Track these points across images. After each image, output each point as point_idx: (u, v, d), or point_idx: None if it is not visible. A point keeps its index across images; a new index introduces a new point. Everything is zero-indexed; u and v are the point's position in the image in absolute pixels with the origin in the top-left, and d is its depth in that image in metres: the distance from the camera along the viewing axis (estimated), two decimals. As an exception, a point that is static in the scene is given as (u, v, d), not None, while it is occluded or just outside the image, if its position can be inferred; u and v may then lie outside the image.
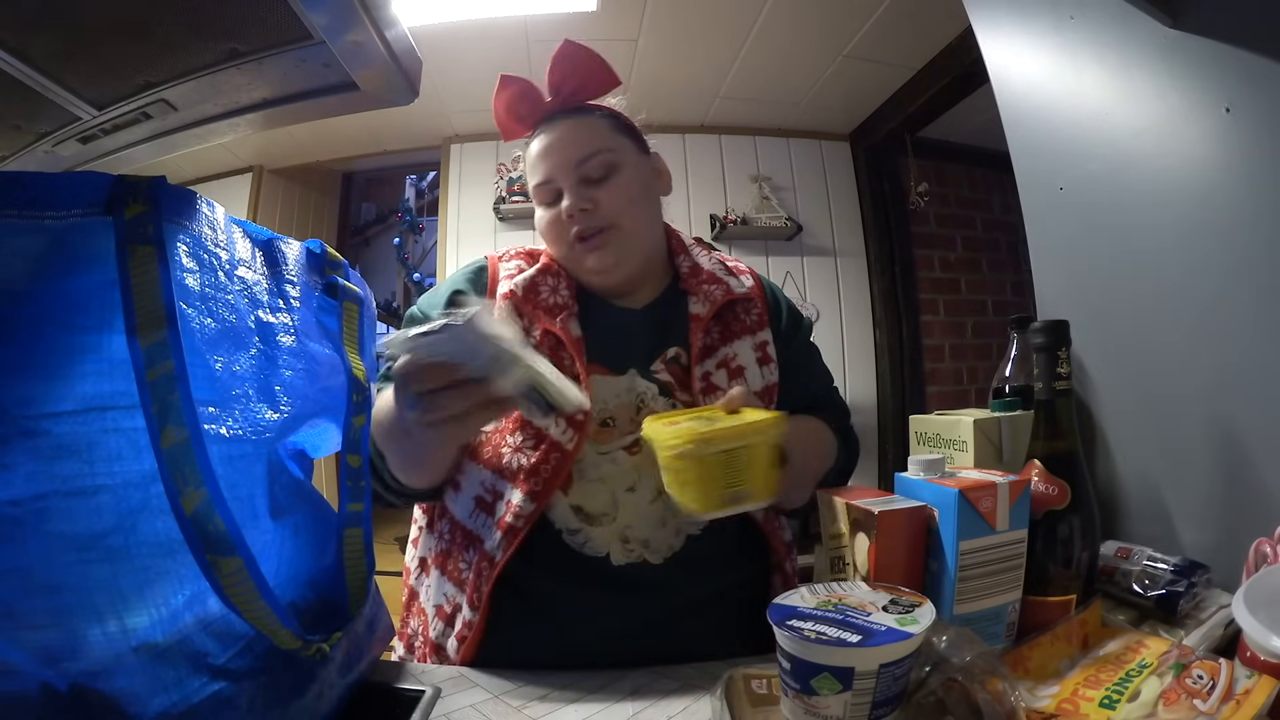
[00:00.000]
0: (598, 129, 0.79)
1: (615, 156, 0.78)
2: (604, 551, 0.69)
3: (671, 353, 0.78)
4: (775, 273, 2.95)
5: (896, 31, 2.27)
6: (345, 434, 0.55)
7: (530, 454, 0.70)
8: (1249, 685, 0.43)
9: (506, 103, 0.81)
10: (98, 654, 0.37)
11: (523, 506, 0.68)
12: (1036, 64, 0.87)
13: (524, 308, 0.76)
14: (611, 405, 0.74)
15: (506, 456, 0.71)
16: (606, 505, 0.71)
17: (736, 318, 0.81)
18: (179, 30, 0.58)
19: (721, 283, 0.82)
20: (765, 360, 0.80)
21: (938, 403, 2.94)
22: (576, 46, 0.79)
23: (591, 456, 0.72)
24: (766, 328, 0.83)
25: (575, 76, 0.80)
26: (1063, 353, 0.62)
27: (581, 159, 0.76)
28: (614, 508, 0.71)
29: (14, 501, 0.35)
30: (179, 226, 0.42)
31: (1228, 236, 0.64)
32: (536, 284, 0.77)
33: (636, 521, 0.70)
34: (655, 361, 0.77)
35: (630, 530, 0.70)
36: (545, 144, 0.79)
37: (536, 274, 0.78)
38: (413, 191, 4.32)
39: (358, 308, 0.60)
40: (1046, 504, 0.58)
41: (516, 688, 0.61)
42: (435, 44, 2.18)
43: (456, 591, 0.72)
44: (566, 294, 0.77)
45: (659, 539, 0.70)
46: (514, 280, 0.78)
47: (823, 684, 0.42)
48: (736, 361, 0.78)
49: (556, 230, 0.78)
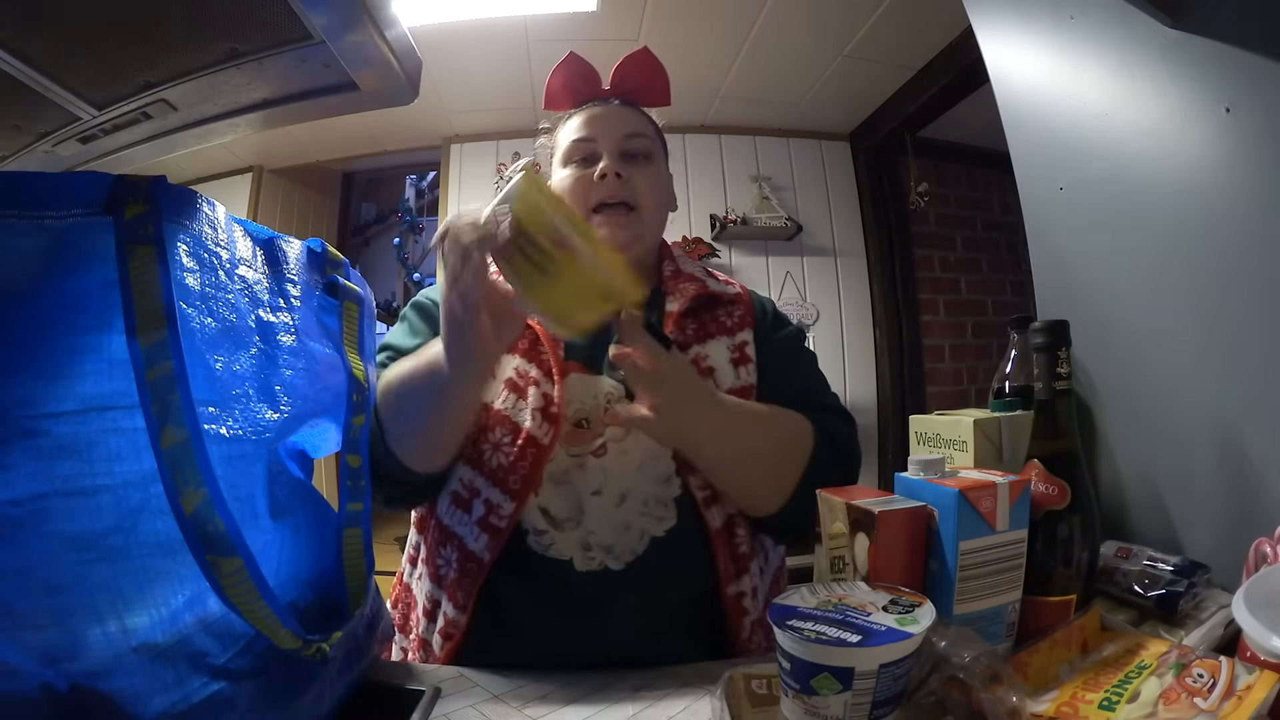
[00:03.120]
0: (644, 120, 0.84)
1: (654, 147, 0.83)
2: (568, 556, 0.69)
3: None
4: (775, 273, 2.95)
5: (896, 31, 2.27)
6: (345, 434, 0.55)
7: (509, 450, 0.70)
8: (1250, 681, 0.43)
9: (567, 75, 0.85)
10: (98, 654, 0.37)
11: (503, 505, 0.69)
12: (1036, 64, 0.87)
13: None
14: (587, 405, 0.73)
15: (486, 453, 0.71)
16: (572, 509, 0.70)
17: (715, 319, 0.81)
18: (179, 30, 0.58)
19: (697, 281, 0.82)
20: (742, 360, 0.79)
21: (938, 403, 2.94)
22: (650, 56, 0.86)
23: (561, 458, 0.71)
24: (748, 329, 0.81)
25: (639, 78, 0.86)
26: (1063, 353, 0.62)
27: (629, 133, 0.81)
28: (579, 512, 0.70)
29: (14, 501, 0.35)
30: (179, 226, 0.42)
31: (1228, 236, 0.64)
32: None
33: (600, 527, 0.69)
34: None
35: (593, 536, 0.69)
36: (595, 113, 0.82)
37: None
38: (413, 191, 4.32)
39: (358, 307, 0.60)
40: (1046, 504, 0.58)
41: (516, 688, 0.61)
42: (435, 44, 2.18)
43: (435, 589, 0.72)
44: None
45: (622, 544, 0.69)
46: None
47: (823, 684, 0.42)
48: (707, 362, 0.77)
49: (581, 189, 0.79)
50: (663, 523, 0.71)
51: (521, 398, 0.72)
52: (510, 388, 0.73)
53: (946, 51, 2.38)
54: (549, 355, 0.73)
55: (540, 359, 0.74)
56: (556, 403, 0.71)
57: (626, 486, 0.71)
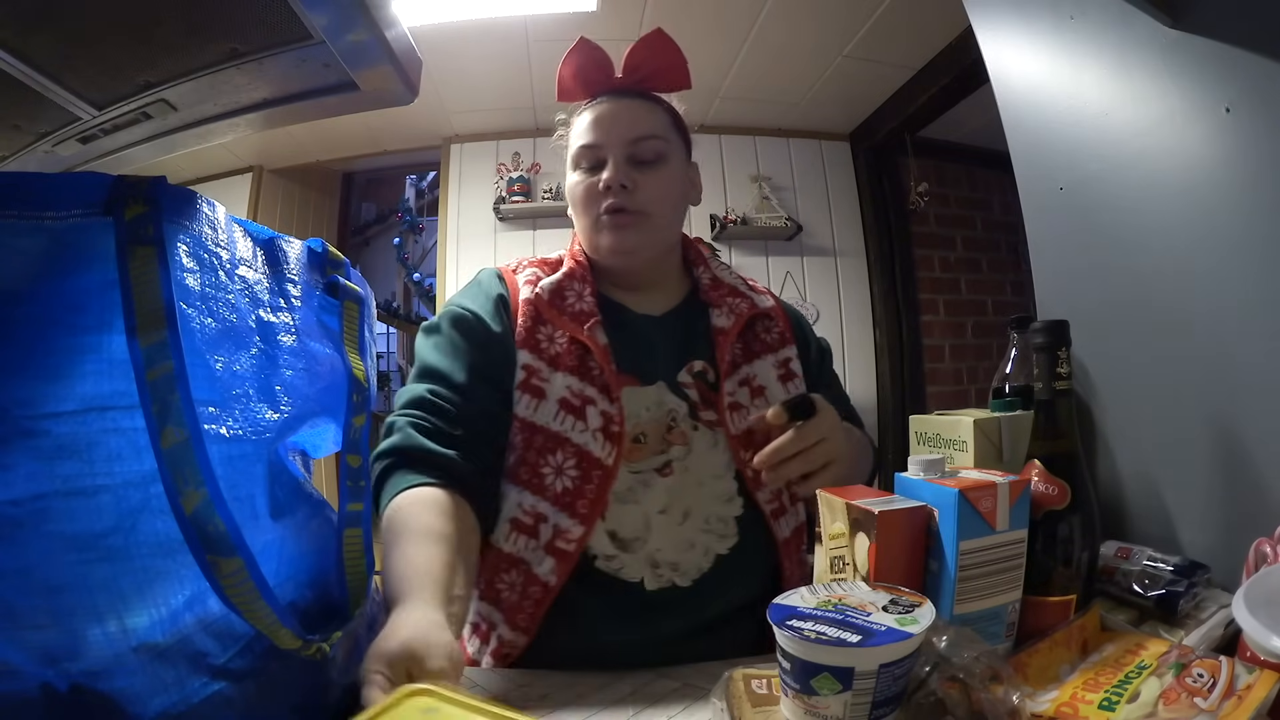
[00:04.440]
0: (658, 117, 0.80)
1: (667, 148, 0.79)
2: (638, 578, 0.69)
3: (698, 366, 0.76)
4: (775, 273, 2.95)
5: (896, 31, 2.27)
6: (345, 434, 0.55)
7: (573, 474, 0.69)
8: (1250, 681, 0.43)
9: (579, 64, 0.80)
10: (98, 654, 0.37)
11: (571, 530, 0.68)
12: (1036, 64, 0.87)
13: (548, 313, 0.74)
14: (644, 419, 0.72)
15: (549, 478, 0.69)
16: (639, 529, 0.70)
17: (757, 336, 0.80)
18: (179, 30, 0.58)
19: (745, 297, 0.81)
20: (788, 377, 0.79)
21: (938, 403, 2.94)
22: (664, 37, 0.80)
23: (624, 477, 0.70)
24: (790, 345, 0.81)
25: (654, 62, 0.80)
26: (1063, 353, 0.62)
27: (637, 137, 0.77)
28: (646, 531, 0.70)
29: (14, 501, 0.35)
30: (179, 226, 0.42)
31: (1228, 236, 0.64)
32: (562, 289, 0.76)
33: (666, 545, 0.70)
34: (682, 373, 0.76)
35: (660, 554, 0.69)
36: (604, 111, 0.78)
37: (562, 279, 0.77)
38: (413, 191, 4.32)
39: (358, 307, 0.60)
40: (1046, 504, 0.58)
41: (517, 688, 0.61)
42: (435, 44, 2.18)
43: (492, 610, 0.71)
44: (591, 300, 0.76)
45: (688, 561, 0.70)
46: (537, 286, 0.76)
47: (823, 684, 0.42)
48: (757, 381, 0.77)
49: (589, 198, 0.77)
50: (725, 540, 0.71)
51: (579, 418, 0.70)
52: (566, 408, 0.70)
53: (946, 51, 2.38)
54: (600, 370, 0.72)
55: (592, 375, 0.72)
56: (617, 421, 0.70)
57: (689, 504, 0.71)
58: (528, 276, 0.78)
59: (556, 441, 0.70)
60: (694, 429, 0.73)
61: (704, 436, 0.74)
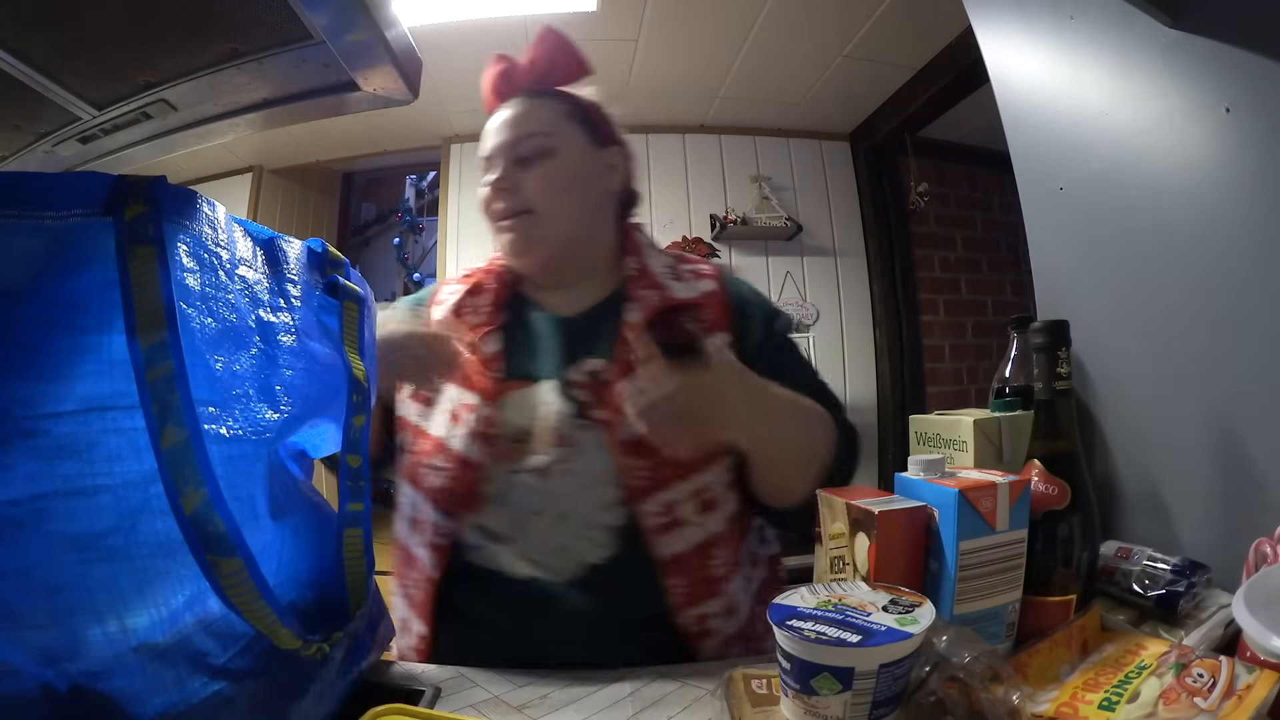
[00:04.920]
0: (544, 112, 0.79)
1: (552, 142, 0.77)
2: (507, 568, 0.70)
3: (593, 365, 0.73)
4: (775, 273, 2.95)
5: (896, 31, 2.27)
6: (345, 434, 0.55)
7: (443, 473, 0.71)
8: (1250, 681, 0.43)
9: (491, 79, 0.84)
10: (98, 654, 0.37)
11: (443, 525, 0.71)
12: (1036, 64, 0.87)
13: (455, 329, 0.77)
14: (524, 420, 0.72)
15: (426, 477, 0.73)
16: (510, 528, 0.70)
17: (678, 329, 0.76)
18: (179, 30, 0.58)
19: (661, 287, 0.76)
20: None
21: (938, 403, 2.94)
22: (552, 32, 0.82)
23: (501, 477, 0.71)
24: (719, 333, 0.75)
25: (544, 59, 0.82)
26: (1063, 353, 0.62)
27: (516, 138, 0.77)
28: (517, 530, 0.70)
29: (14, 501, 0.35)
30: (179, 226, 0.42)
31: (1228, 236, 0.64)
32: (461, 306, 0.80)
33: (536, 546, 0.70)
34: (574, 372, 0.73)
35: (534, 554, 0.70)
36: (494, 121, 0.81)
37: (464, 295, 0.81)
38: (413, 191, 4.32)
39: (358, 307, 0.60)
40: (1046, 504, 0.58)
41: (516, 688, 0.61)
42: (435, 44, 2.18)
43: (403, 603, 0.75)
44: (489, 309, 0.79)
45: (558, 564, 0.69)
46: (444, 306, 0.81)
47: (823, 684, 0.42)
48: None
49: (484, 208, 0.80)
50: (600, 549, 0.69)
51: (457, 423, 0.73)
52: (450, 416, 0.74)
53: (946, 51, 2.38)
54: (482, 379, 0.74)
55: (475, 385, 0.74)
56: (491, 423, 0.72)
57: (567, 508, 0.70)
58: (444, 295, 0.83)
59: (437, 447, 0.73)
60: (582, 430, 0.71)
61: (593, 438, 0.71)
